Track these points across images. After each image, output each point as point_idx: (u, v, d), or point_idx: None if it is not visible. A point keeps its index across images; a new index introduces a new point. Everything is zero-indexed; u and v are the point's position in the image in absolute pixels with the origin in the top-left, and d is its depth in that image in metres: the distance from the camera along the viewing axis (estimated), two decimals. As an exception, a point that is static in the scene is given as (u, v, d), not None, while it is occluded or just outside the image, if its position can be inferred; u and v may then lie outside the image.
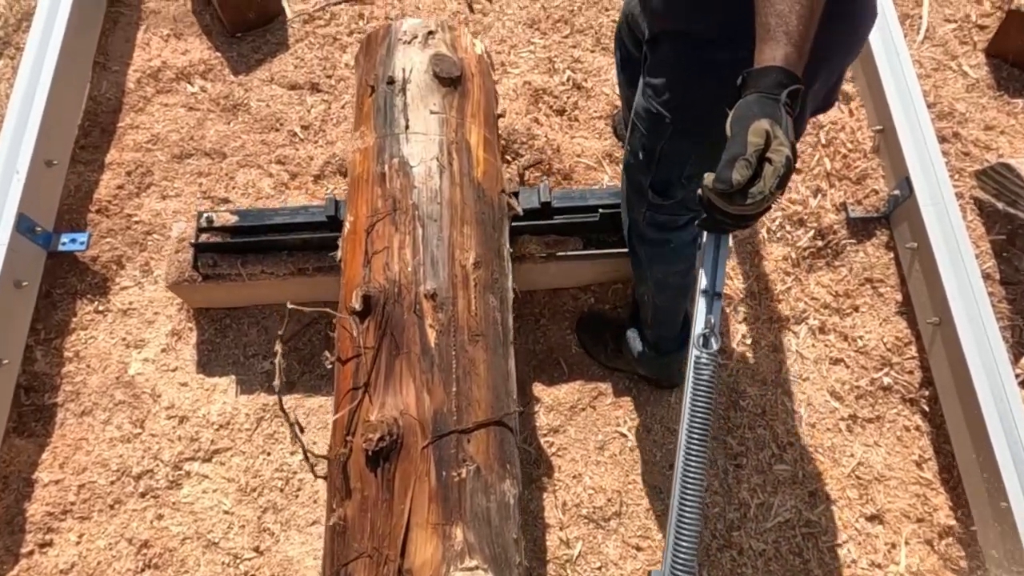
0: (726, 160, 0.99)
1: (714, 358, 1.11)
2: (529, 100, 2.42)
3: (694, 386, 1.10)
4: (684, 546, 1.08)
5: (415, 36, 1.61)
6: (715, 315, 1.13)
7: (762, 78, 1.01)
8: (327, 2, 2.66)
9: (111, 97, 2.46)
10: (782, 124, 0.98)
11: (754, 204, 0.99)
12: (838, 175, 2.22)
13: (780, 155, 0.97)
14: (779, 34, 1.00)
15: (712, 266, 1.14)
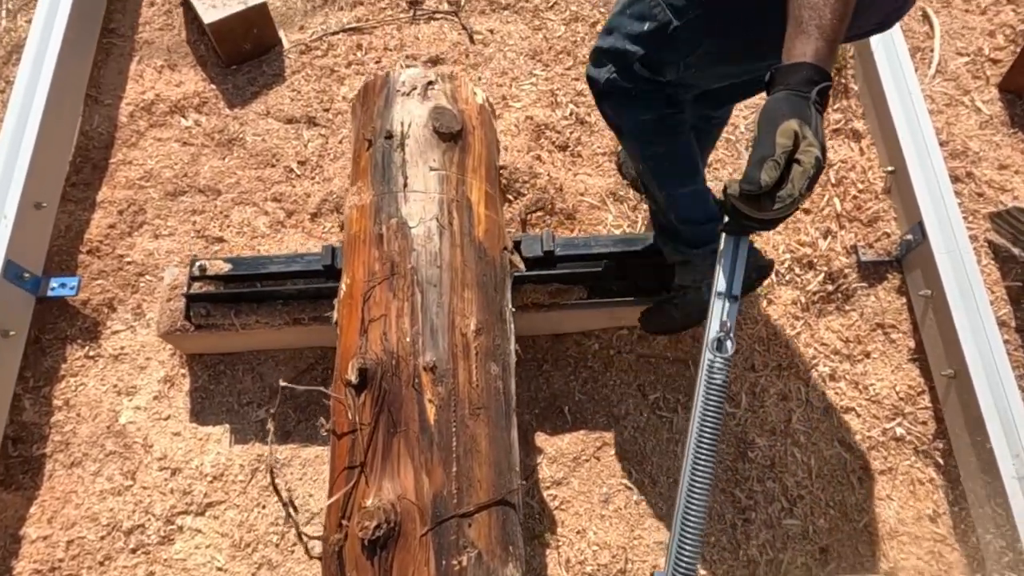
0: (754, 161, 0.96)
1: (728, 362, 1.09)
2: (531, 136, 2.37)
3: (706, 389, 1.08)
4: (687, 547, 1.07)
5: (414, 87, 1.55)
6: (731, 318, 1.10)
7: (792, 74, 0.97)
8: (324, 32, 2.61)
9: (103, 132, 2.41)
10: (811, 124, 0.95)
11: (783, 208, 0.96)
12: (848, 216, 2.16)
13: (809, 156, 0.94)
14: (811, 28, 0.96)
15: (731, 268, 1.12)
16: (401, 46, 2.57)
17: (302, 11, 2.67)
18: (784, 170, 0.95)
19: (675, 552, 1.08)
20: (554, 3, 2.64)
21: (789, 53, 0.98)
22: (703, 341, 1.16)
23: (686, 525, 1.08)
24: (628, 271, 1.87)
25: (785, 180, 0.96)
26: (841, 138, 2.28)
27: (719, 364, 1.09)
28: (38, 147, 2.12)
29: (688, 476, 1.08)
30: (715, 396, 1.08)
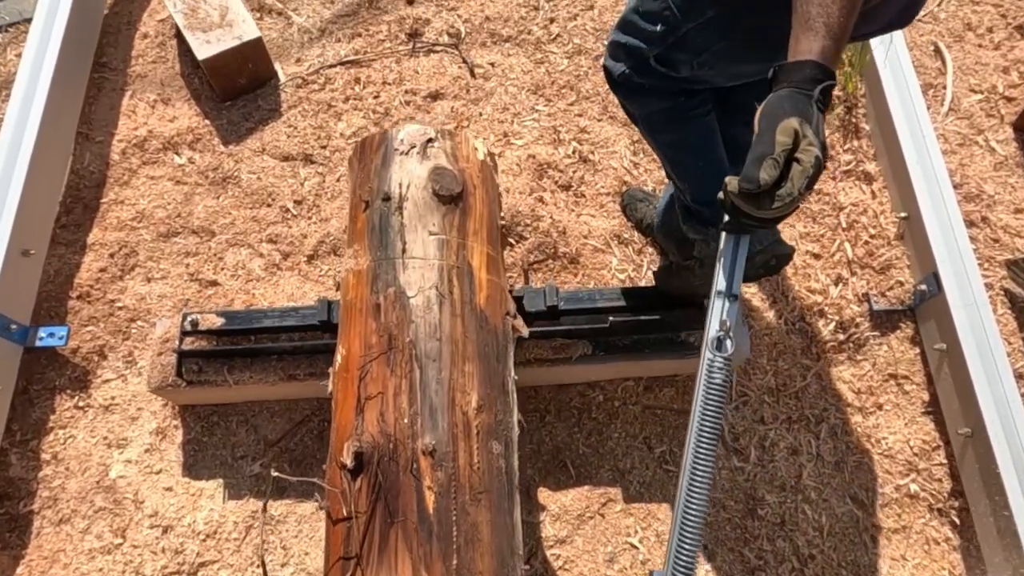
0: (753, 159, 0.95)
1: (728, 362, 1.08)
2: (533, 175, 2.31)
3: (705, 389, 1.08)
4: (686, 547, 1.06)
5: (412, 146, 1.49)
6: (731, 318, 1.10)
7: (795, 72, 0.96)
8: (321, 64, 2.55)
9: (94, 170, 2.35)
10: (812, 122, 0.95)
11: (782, 207, 0.95)
12: (860, 263, 2.10)
13: (809, 155, 0.93)
14: (819, 25, 0.95)
15: (730, 267, 1.11)
16: (400, 80, 2.51)
17: (299, 43, 2.61)
18: (784, 168, 0.94)
19: (674, 552, 1.07)
20: (556, 36, 2.58)
21: (795, 49, 0.97)
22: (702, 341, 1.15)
23: (685, 525, 1.07)
24: (634, 326, 1.81)
25: (785, 179, 0.95)
26: (852, 180, 2.22)
27: (719, 363, 1.08)
28: (27, 191, 2.06)
29: (688, 475, 1.08)
30: (715, 395, 1.07)
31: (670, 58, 1.36)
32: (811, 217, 2.19)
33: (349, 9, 2.65)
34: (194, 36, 2.32)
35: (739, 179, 0.97)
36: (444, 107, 2.46)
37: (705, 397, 1.08)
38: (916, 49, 2.44)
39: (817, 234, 2.17)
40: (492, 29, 2.59)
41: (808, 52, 0.96)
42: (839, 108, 2.29)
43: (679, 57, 1.35)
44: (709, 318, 1.11)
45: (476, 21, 2.61)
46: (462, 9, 2.63)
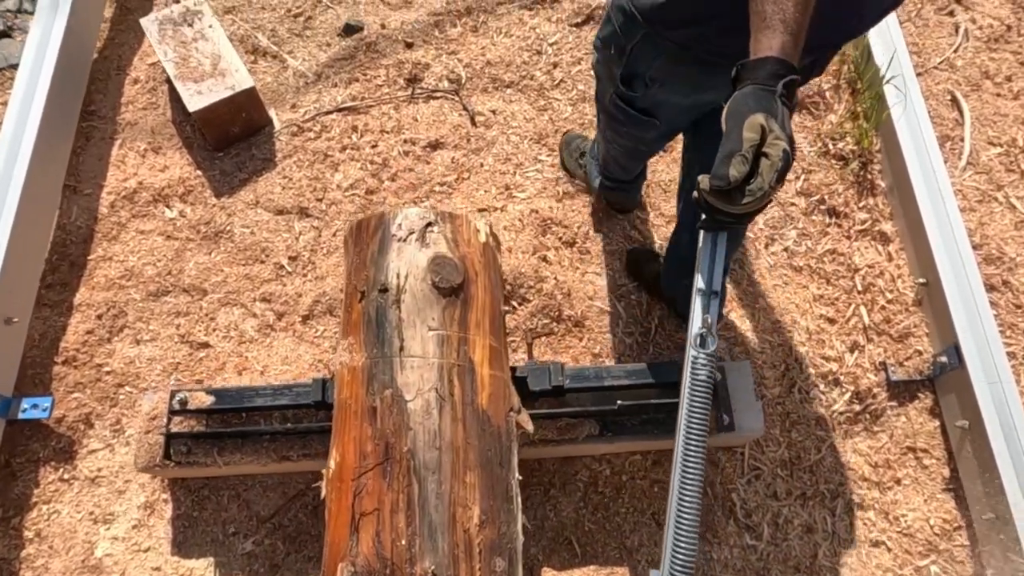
0: (722, 157, 0.97)
1: (711, 358, 1.10)
2: (536, 230, 2.23)
3: (691, 386, 1.09)
4: (683, 546, 1.06)
5: (411, 232, 1.42)
6: (712, 314, 1.12)
7: (758, 69, 0.98)
8: (317, 111, 2.47)
9: (82, 225, 2.27)
10: (778, 117, 0.96)
11: (753, 201, 0.97)
12: (877, 329, 2.02)
13: (777, 149, 0.95)
14: (776, 22, 0.97)
15: (709, 265, 1.13)
16: (399, 128, 2.43)
17: (294, 88, 2.53)
18: (753, 164, 0.96)
19: (671, 552, 1.07)
20: (560, 81, 2.50)
21: (755, 48, 0.99)
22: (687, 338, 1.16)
23: (680, 524, 1.07)
24: (643, 407, 1.73)
25: (754, 174, 0.97)
26: (868, 240, 2.14)
27: (702, 360, 1.09)
28: (10, 254, 1.98)
29: (679, 475, 1.08)
30: (700, 393, 1.08)
31: (630, 76, 1.43)
32: (825, 278, 2.12)
33: (346, 52, 2.57)
34: (185, 87, 2.24)
35: (710, 177, 0.99)
36: (444, 157, 2.37)
37: (691, 394, 1.09)
38: (932, 98, 2.36)
39: (831, 297, 2.09)
40: (493, 74, 2.51)
41: (768, 49, 0.98)
42: (854, 164, 2.21)
43: (635, 72, 1.41)
44: (692, 316, 1.13)
45: (477, 66, 2.53)
46: (462, 53, 2.55)
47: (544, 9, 2.64)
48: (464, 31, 2.60)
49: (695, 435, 1.09)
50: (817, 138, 2.29)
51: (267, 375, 2.08)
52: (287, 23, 2.64)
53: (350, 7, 2.66)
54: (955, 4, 2.51)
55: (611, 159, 1.91)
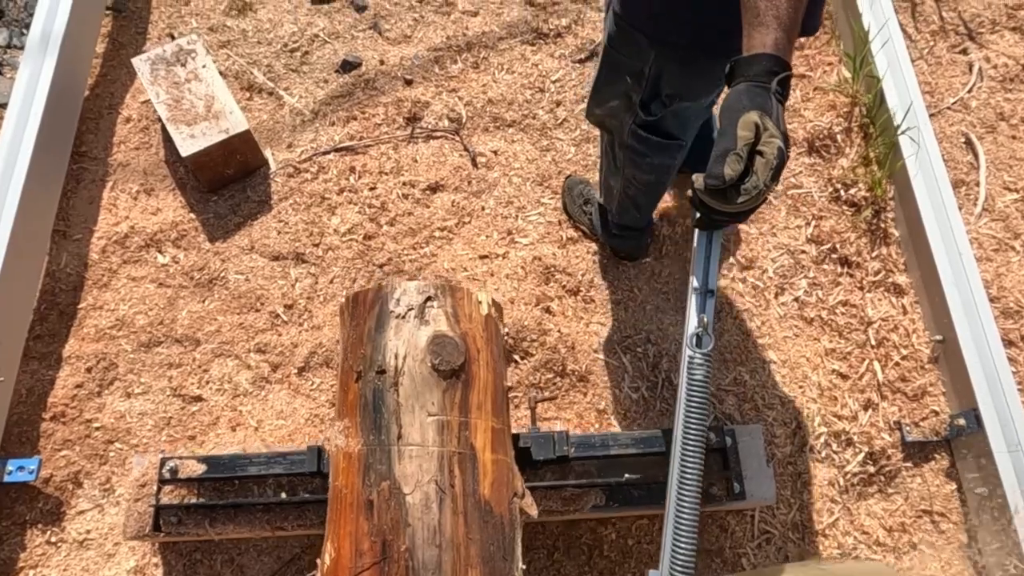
0: (717, 155, 0.96)
1: (708, 358, 1.09)
2: (539, 278, 2.16)
3: (688, 386, 1.08)
4: (682, 546, 1.06)
5: (410, 308, 1.35)
6: (708, 313, 1.11)
7: (752, 66, 0.98)
8: (315, 151, 2.40)
9: (71, 272, 2.20)
10: (772, 114, 0.95)
11: (749, 200, 0.97)
12: (891, 387, 1.96)
13: (771, 147, 0.94)
14: (769, 19, 0.97)
15: (704, 264, 1.13)
16: (398, 169, 2.36)
17: (290, 126, 2.46)
18: (748, 162, 0.96)
19: (670, 552, 1.06)
20: (563, 120, 2.44)
21: (748, 44, 0.99)
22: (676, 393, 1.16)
23: (679, 524, 1.06)
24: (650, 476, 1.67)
25: (749, 172, 0.96)
26: (881, 292, 2.07)
27: (699, 360, 1.09)
28: (-4, 309, 1.92)
29: (678, 474, 1.07)
30: (697, 392, 1.08)
31: (649, 99, 1.43)
32: (837, 331, 2.05)
33: (344, 89, 2.51)
34: (178, 130, 2.18)
35: (704, 176, 0.99)
36: (444, 200, 2.31)
37: (688, 393, 1.08)
38: (945, 141, 2.30)
39: (844, 351, 2.02)
40: (495, 113, 2.45)
41: (761, 46, 0.97)
42: (867, 211, 2.14)
43: (656, 92, 1.41)
44: (687, 315, 1.12)
45: (478, 104, 2.46)
46: (463, 91, 2.49)
47: (547, 44, 2.58)
48: (465, 67, 2.54)
49: (693, 435, 1.07)
50: (828, 183, 2.23)
51: (262, 431, 2.01)
52: (283, 58, 2.58)
53: (348, 42, 2.60)
54: (969, 42, 2.45)
55: (628, 202, 1.87)
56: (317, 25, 2.62)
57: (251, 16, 2.65)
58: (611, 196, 1.92)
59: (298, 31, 2.61)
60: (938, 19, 2.51)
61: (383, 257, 2.21)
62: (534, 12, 2.63)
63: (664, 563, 1.08)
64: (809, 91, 2.39)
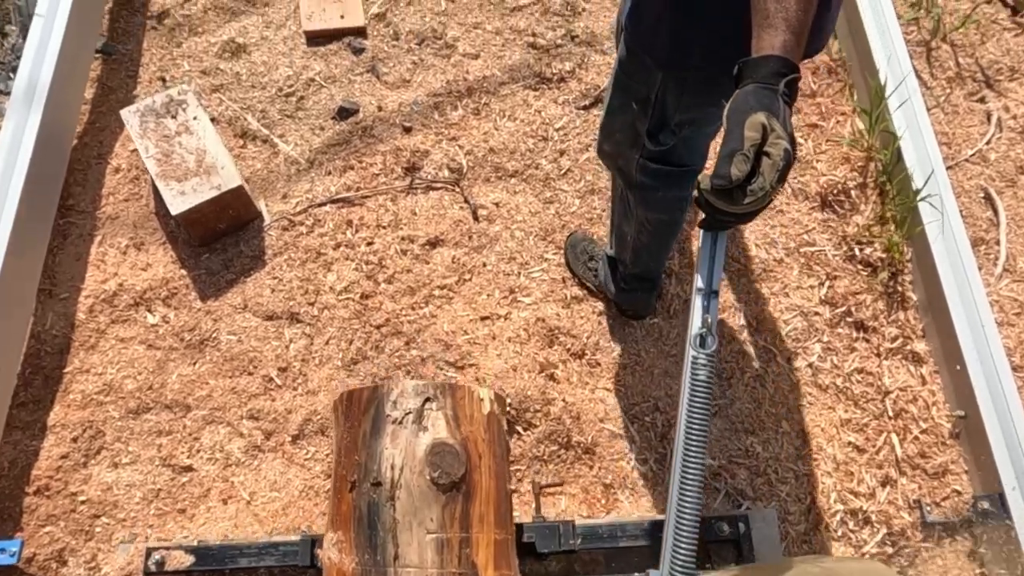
0: (723, 156, 0.97)
1: (711, 358, 1.10)
2: (542, 341, 2.08)
3: (691, 386, 1.09)
4: (683, 546, 1.06)
5: (407, 413, 1.27)
6: (712, 314, 1.12)
7: (760, 67, 0.98)
8: (310, 202, 2.32)
9: (57, 333, 2.12)
10: (779, 116, 0.96)
11: (755, 201, 0.97)
12: (911, 463, 1.88)
13: (778, 148, 0.95)
14: (778, 20, 0.98)
15: (709, 264, 1.13)
16: (396, 222, 2.28)
17: (285, 176, 2.38)
18: (754, 163, 0.96)
19: (671, 552, 1.07)
20: (567, 171, 2.36)
21: (757, 46, 1.00)
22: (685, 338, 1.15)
23: (680, 524, 1.07)
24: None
25: (756, 173, 0.96)
26: (899, 359, 1.99)
27: (702, 360, 1.09)
28: (-25, 382, 1.84)
29: (679, 474, 1.08)
30: (700, 392, 1.08)
31: (658, 128, 1.44)
32: (852, 400, 1.97)
33: (340, 137, 2.43)
34: (168, 186, 2.10)
35: (711, 176, 0.99)
36: (444, 256, 2.23)
37: (691, 394, 1.08)
38: (964, 195, 2.22)
39: (860, 422, 1.95)
40: (497, 163, 2.37)
41: (770, 47, 0.98)
42: (883, 274, 2.06)
43: (664, 122, 1.42)
44: (691, 315, 1.12)
45: (479, 153, 2.38)
46: (464, 139, 2.41)
47: (550, 90, 2.50)
48: (465, 114, 2.46)
49: (695, 435, 1.08)
50: (842, 241, 2.15)
51: (254, 504, 1.93)
52: (278, 103, 2.50)
53: (344, 86, 2.52)
54: (987, 89, 2.37)
55: (642, 248, 1.84)
56: (313, 68, 2.54)
57: (245, 59, 2.57)
58: (624, 245, 1.88)
59: (293, 75, 2.53)
60: (954, 65, 2.43)
61: (381, 317, 2.14)
62: (537, 55, 2.55)
63: (664, 563, 1.07)
64: (822, 142, 2.31)
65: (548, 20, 2.62)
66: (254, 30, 2.62)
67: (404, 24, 2.61)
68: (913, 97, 2.05)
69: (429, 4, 2.66)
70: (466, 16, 2.63)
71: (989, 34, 2.46)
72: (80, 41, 2.38)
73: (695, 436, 1.08)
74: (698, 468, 1.07)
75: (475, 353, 2.07)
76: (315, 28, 2.57)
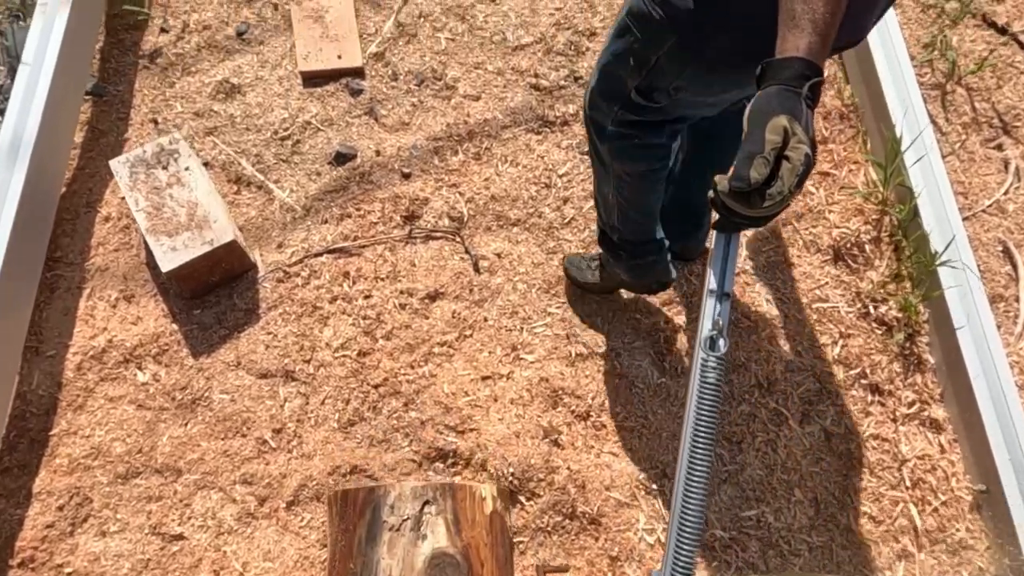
0: (743, 157, 0.95)
1: (721, 361, 1.08)
2: (546, 403, 2.01)
3: (700, 389, 1.08)
4: (685, 547, 1.05)
5: (405, 519, 1.21)
6: (723, 317, 1.10)
7: (784, 69, 0.97)
8: (306, 252, 2.25)
9: (44, 393, 2.05)
10: (802, 120, 0.95)
11: (772, 205, 0.96)
12: (929, 537, 1.81)
13: (799, 153, 0.94)
14: (805, 22, 0.96)
15: (721, 266, 1.12)
16: (395, 274, 2.21)
17: (281, 223, 2.31)
18: (774, 167, 0.95)
19: (672, 553, 1.06)
20: (570, 219, 2.29)
21: (782, 47, 0.98)
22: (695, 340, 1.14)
23: (683, 525, 1.06)
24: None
25: (775, 177, 0.95)
26: (916, 425, 1.92)
27: (712, 363, 1.08)
28: (-43, 451, 1.76)
29: (684, 475, 1.07)
30: (709, 394, 1.07)
31: (649, 88, 1.41)
32: (868, 468, 1.90)
33: (337, 183, 2.36)
34: (158, 242, 2.03)
35: (729, 178, 0.97)
36: (444, 310, 2.16)
37: (700, 397, 1.07)
38: (981, 249, 2.15)
39: (876, 491, 1.87)
40: (498, 211, 2.30)
41: (795, 49, 0.96)
42: (899, 335, 1.99)
43: (657, 85, 1.40)
44: (702, 318, 1.11)
45: (480, 200, 2.31)
46: (464, 185, 2.34)
47: (553, 133, 2.43)
48: (466, 159, 2.39)
49: (703, 438, 1.06)
50: (856, 297, 2.08)
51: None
52: (273, 147, 2.43)
53: (342, 129, 2.45)
54: (1004, 136, 2.30)
55: (626, 205, 1.76)
56: (309, 111, 2.47)
57: (239, 100, 2.50)
58: (609, 209, 1.81)
59: (289, 117, 2.46)
60: (970, 110, 2.36)
61: (378, 376, 2.06)
62: (539, 97, 2.48)
63: (667, 564, 1.07)
64: (834, 191, 2.24)
65: (551, 60, 2.55)
66: (249, 70, 2.55)
67: (403, 64, 2.54)
68: (931, 154, 1.98)
69: (429, 43, 2.59)
70: (467, 55, 2.56)
71: (1006, 78, 2.39)
72: (69, 85, 2.31)
73: (702, 439, 1.07)
74: (704, 472, 1.06)
75: (476, 417, 2.00)
76: (312, 69, 2.50)
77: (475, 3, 2.65)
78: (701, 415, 1.07)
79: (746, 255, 2.20)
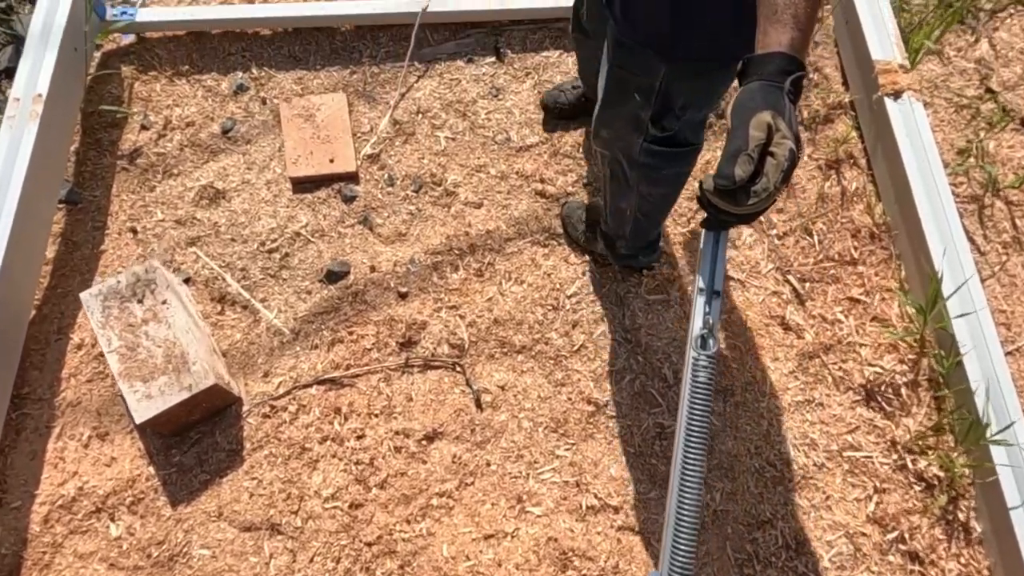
0: (727, 155, 0.96)
1: (712, 360, 1.08)
2: (555, 566, 1.85)
3: (692, 388, 1.08)
4: (682, 547, 1.04)
5: None
6: (713, 315, 1.11)
7: (765, 64, 0.97)
8: (294, 383, 2.08)
9: (7, 552, 1.88)
10: (785, 115, 0.94)
11: (758, 202, 0.95)
12: None
13: (783, 148, 0.93)
14: (787, 17, 0.96)
15: (711, 264, 1.12)
16: (390, 410, 2.05)
17: (267, 349, 2.14)
18: (758, 163, 0.94)
19: (670, 552, 1.05)
20: (580, 346, 2.12)
21: (763, 42, 0.98)
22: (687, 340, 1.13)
23: (680, 524, 1.05)
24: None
25: (760, 173, 0.94)
26: (961, 604, 1.75)
27: (703, 362, 1.08)
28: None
29: (679, 474, 1.06)
30: (701, 393, 1.07)
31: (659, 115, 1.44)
32: (909, 650, 1.73)
33: (329, 304, 2.19)
34: (132, 388, 1.86)
35: (714, 176, 0.97)
36: (443, 453, 1.99)
37: (692, 396, 1.07)
38: (1027, 389, 1.98)
39: None
40: (502, 336, 2.13)
41: (777, 44, 0.96)
42: (941, 498, 1.82)
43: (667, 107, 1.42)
44: (692, 316, 1.12)
45: (482, 324, 2.14)
46: (465, 307, 2.17)
47: (560, 246, 2.26)
48: (467, 276, 2.22)
49: (696, 436, 1.06)
50: (891, 447, 1.91)
51: None
52: (260, 260, 2.26)
53: (334, 241, 2.28)
54: (1048, 258, 2.13)
55: (643, 220, 1.86)
56: (299, 220, 2.31)
57: (224, 206, 2.33)
58: (623, 220, 1.87)
59: (278, 227, 2.30)
60: (1011, 227, 2.19)
61: (372, 533, 1.90)
62: (545, 205, 2.31)
63: (664, 564, 1.05)
64: (865, 322, 2.07)
65: (557, 163, 2.38)
66: (235, 172, 2.38)
67: (400, 167, 2.38)
68: (980, 314, 1.80)
69: (427, 142, 2.42)
70: (468, 157, 2.40)
71: (1049, 191, 2.23)
72: (41, 195, 2.14)
73: (695, 439, 1.06)
74: (698, 470, 1.06)
75: (478, 585, 1.83)
76: (302, 175, 2.33)
77: (476, 98, 2.48)
78: (694, 414, 1.07)
79: (771, 390, 2.04)
